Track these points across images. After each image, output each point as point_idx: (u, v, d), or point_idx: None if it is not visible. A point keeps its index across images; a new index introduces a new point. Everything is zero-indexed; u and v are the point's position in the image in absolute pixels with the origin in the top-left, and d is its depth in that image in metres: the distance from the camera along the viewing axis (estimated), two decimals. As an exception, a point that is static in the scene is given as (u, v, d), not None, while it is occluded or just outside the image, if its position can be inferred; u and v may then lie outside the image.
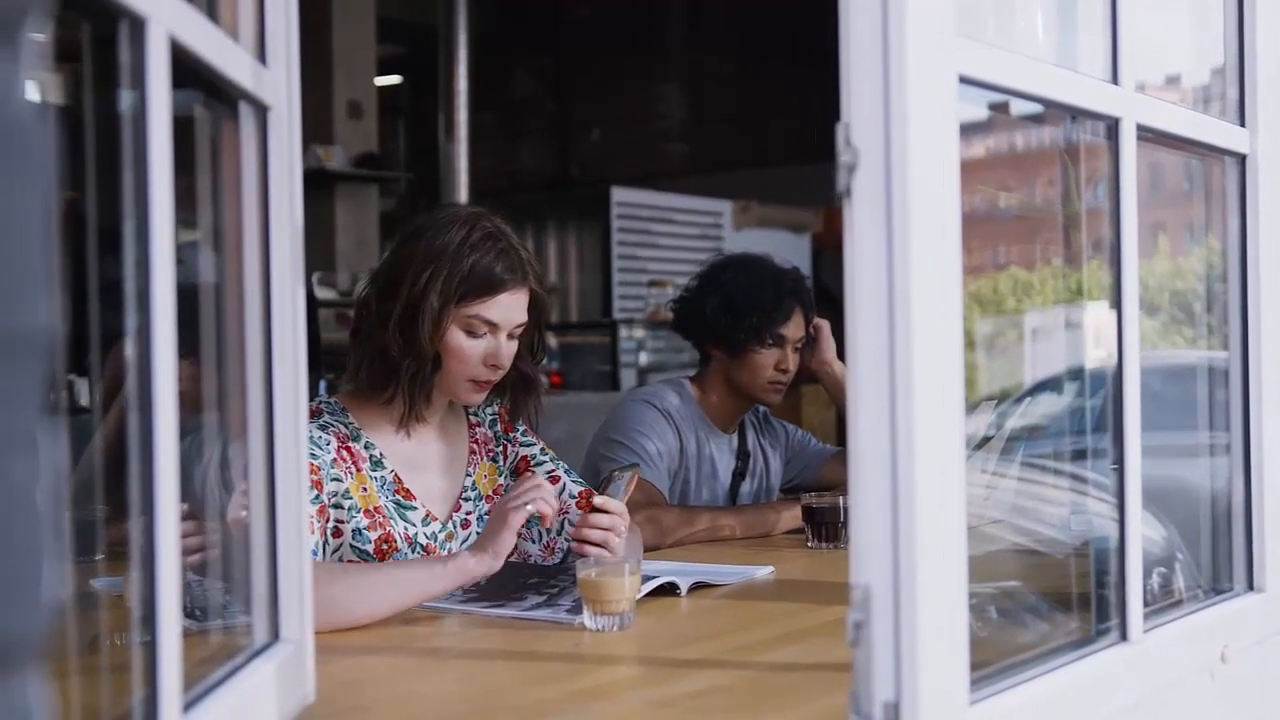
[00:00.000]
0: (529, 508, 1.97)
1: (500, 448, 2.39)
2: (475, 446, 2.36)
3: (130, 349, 1.00)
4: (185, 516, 1.06)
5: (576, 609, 1.88)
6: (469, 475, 2.32)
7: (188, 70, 1.10)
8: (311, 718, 1.41)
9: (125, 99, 1.01)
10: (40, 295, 0.58)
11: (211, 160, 1.33)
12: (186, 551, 1.34)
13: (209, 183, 1.34)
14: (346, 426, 2.19)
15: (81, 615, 1.41)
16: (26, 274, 0.57)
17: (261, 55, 1.34)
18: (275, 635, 1.36)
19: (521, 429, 2.42)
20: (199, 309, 1.32)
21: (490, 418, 2.40)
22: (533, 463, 2.39)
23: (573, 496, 2.34)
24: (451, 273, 2.13)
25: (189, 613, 1.24)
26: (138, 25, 0.98)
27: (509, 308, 2.19)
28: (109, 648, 1.34)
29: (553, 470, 2.39)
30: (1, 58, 0.56)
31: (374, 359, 2.18)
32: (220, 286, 1.36)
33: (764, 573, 2.34)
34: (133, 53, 0.99)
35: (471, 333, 2.17)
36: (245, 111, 1.32)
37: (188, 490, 1.07)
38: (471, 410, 2.37)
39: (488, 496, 2.33)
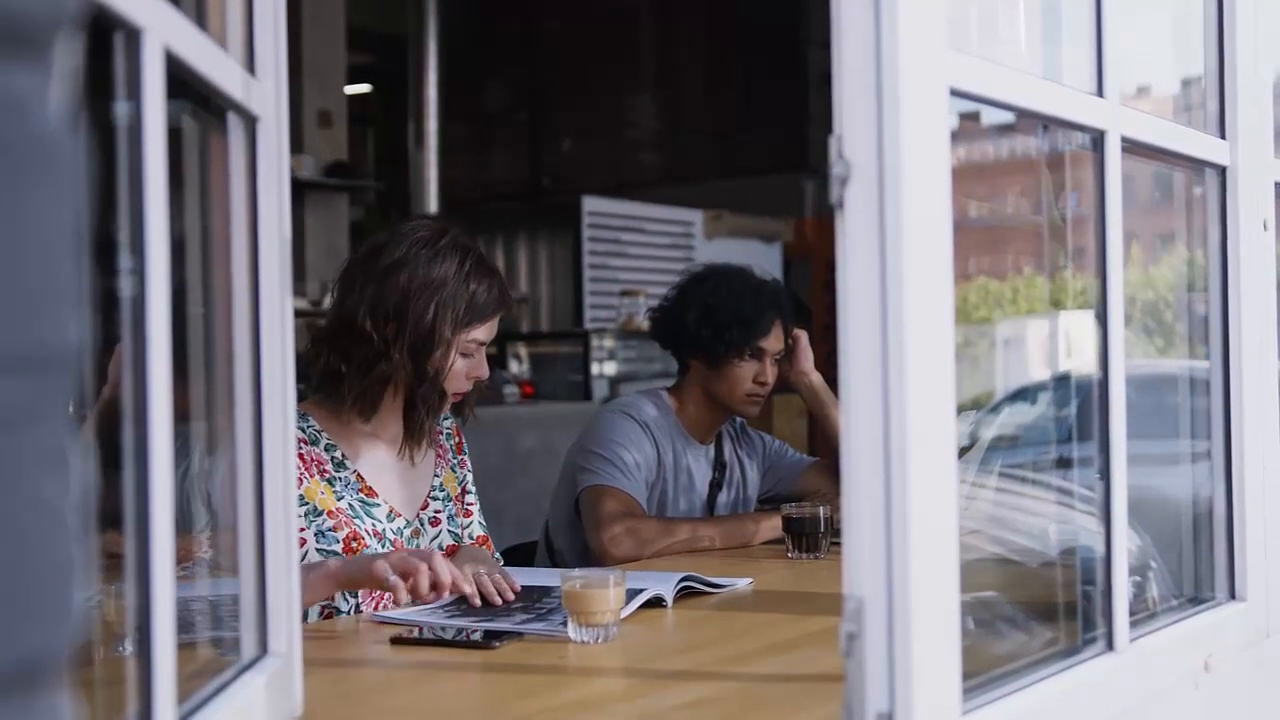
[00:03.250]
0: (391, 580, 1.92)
1: (458, 460, 2.49)
2: (441, 451, 2.44)
3: (126, 359, 0.99)
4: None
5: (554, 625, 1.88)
6: (437, 476, 2.41)
7: (177, 80, 1.09)
8: (299, 732, 1.41)
9: (120, 109, 1.00)
10: (70, 311, 0.58)
11: (200, 171, 1.32)
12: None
13: (196, 193, 1.33)
14: (304, 431, 2.22)
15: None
16: (58, 289, 0.56)
17: (250, 66, 1.33)
18: (264, 649, 1.35)
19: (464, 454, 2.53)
20: (186, 319, 1.31)
21: (447, 431, 2.49)
22: (466, 491, 2.50)
23: (472, 537, 2.42)
24: (457, 304, 2.24)
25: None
26: (133, 36, 0.98)
27: (495, 326, 2.33)
28: (96, 661, 1.33)
29: (473, 504, 2.50)
30: (32, 74, 0.56)
31: (380, 384, 2.24)
32: (207, 297, 1.36)
33: (744, 584, 2.34)
34: (128, 63, 0.98)
35: (465, 354, 2.28)
36: (234, 122, 1.32)
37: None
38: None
39: (455, 498, 2.43)
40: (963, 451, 2.19)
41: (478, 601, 2.04)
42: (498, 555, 2.54)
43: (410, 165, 8.35)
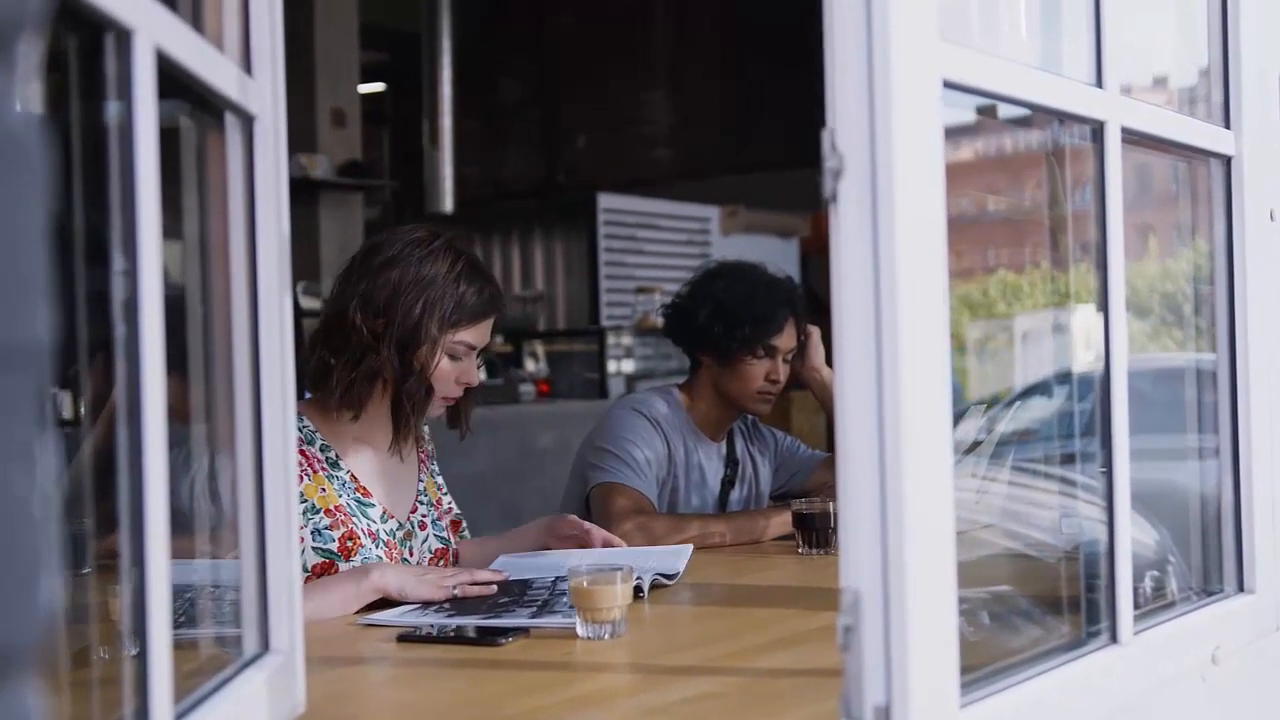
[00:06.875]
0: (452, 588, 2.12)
1: (434, 466, 2.52)
2: (423, 457, 2.48)
3: (120, 361, 0.99)
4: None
5: (570, 614, 1.87)
6: (420, 481, 2.45)
7: (172, 80, 1.10)
8: (302, 729, 1.41)
9: (111, 109, 1.00)
10: (38, 306, 0.58)
11: (197, 171, 1.33)
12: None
13: (194, 193, 1.34)
14: (300, 431, 2.24)
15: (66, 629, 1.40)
16: (25, 285, 0.57)
17: (247, 65, 1.33)
18: (265, 646, 1.36)
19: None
20: (185, 321, 1.32)
21: (426, 436, 2.53)
22: (442, 491, 2.53)
23: (430, 551, 2.42)
24: (445, 302, 2.26)
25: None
26: (124, 37, 0.98)
27: (487, 331, 2.34)
28: (96, 661, 1.33)
29: (438, 513, 2.50)
30: None
31: (367, 379, 2.26)
32: (206, 298, 1.36)
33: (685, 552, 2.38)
34: (119, 64, 0.99)
35: (453, 356, 2.30)
36: (231, 122, 1.32)
37: (175, 503, 1.06)
38: None
39: (435, 503, 2.46)
40: (976, 446, 2.18)
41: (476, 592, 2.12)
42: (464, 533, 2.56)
43: (425, 163, 8.35)
